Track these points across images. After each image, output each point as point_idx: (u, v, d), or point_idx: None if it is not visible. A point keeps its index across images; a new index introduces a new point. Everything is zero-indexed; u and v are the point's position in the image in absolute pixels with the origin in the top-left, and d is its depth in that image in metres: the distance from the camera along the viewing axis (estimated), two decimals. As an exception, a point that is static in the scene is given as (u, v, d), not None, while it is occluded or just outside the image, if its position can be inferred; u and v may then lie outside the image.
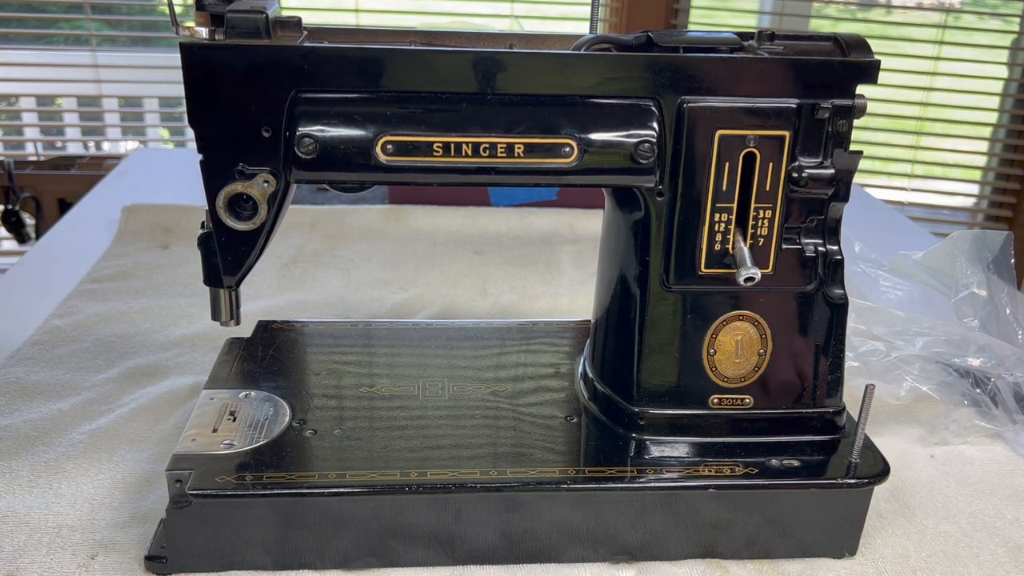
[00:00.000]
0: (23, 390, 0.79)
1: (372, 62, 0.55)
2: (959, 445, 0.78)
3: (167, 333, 0.92)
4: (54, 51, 2.41)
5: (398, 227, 1.23)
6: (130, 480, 0.68)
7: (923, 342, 0.87)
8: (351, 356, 0.75)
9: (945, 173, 2.46)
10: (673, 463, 0.62)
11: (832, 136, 0.58)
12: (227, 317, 0.63)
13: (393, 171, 0.56)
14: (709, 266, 0.61)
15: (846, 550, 0.63)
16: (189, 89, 0.55)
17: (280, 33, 0.57)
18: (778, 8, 2.34)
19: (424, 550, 0.60)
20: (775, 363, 0.63)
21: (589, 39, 0.61)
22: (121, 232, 1.17)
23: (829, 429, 0.65)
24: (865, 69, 0.58)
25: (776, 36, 0.60)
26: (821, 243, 0.61)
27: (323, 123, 0.55)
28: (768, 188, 0.59)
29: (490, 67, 0.56)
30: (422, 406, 0.67)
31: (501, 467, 0.60)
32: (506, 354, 0.76)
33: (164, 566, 0.59)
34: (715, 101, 0.57)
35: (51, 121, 2.59)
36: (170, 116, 2.61)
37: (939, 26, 2.33)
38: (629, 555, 0.62)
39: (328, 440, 0.62)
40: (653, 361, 0.63)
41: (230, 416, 0.64)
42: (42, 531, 0.62)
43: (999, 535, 0.67)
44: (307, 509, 0.58)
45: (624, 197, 0.63)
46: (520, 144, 0.56)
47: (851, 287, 0.91)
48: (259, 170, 0.56)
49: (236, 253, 0.59)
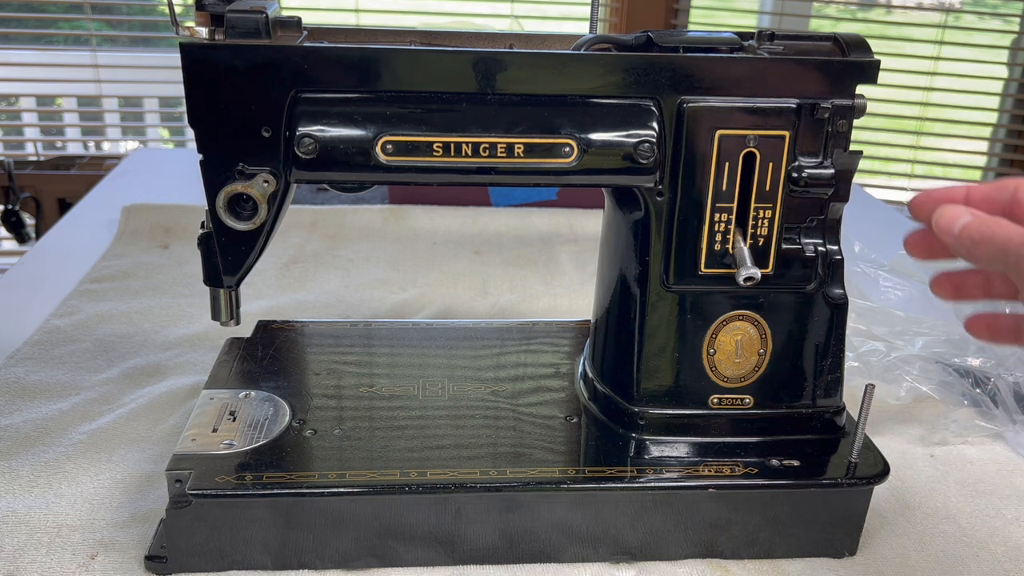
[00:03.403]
0: (23, 390, 0.79)
1: (372, 62, 0.55)
2: (959, 445, 0.78)
3: (167, 333, 0.92)
4: (54, 51, 2.41)
5: (398, 227, 1.23)
6: (130, 480, 0.68)
7: (923, 342, 0.87)
8: (351, 356, 0.75)
9: (945, 173, 2.46)
10: (673, 463, 0.62)
11: (832, 136, 0.58)
12: (227, 317, 0.63)
13: (393, 171, 0.56)
14: (709, 266, 0.61)
15: (846, 550, 0.63)
16: (189, 89, 0.55)
17: (280, 33, 0.57)
18: (778, 8, 2.34)
19: (424, 550, 0.60)
20: (775, 363, 0.63)
21: (589, 39, 0.61)
22: (121, 232, 1.17)
23: (829, 429, 0.65)
24: (865, 69, 0.58)
25: (776, 36, 0.60)
26: (821, 243, 0.61)
27: (323, 123, 0.55)
28: (768, 188, 0.59)
29: (490, 67, 0.56)
30: (422, 406, 0.67)
31: (501, 467, 0.60)
32: (506, 354, 0.76)
33: (164, 566, 0.59)
34: (715, 101, 0.57)
35: (51, 121, 2.59)
36: (170, 116, 2.61)
37: (939, 26, 2.33)
38: (629, 555, 0.62)
39: (328, 440, 0.62)
40: (653, 361, 0.63)
41: (230, 416, 0.64)
42: (42, 531, 0.62)
43: (999, 535, 0.67)
44: (307, 509, 0.58)
45: (624, 197, 0.63)
46: (520, 144, 0.56)
47: (851, 287, 0.91)
48: (259, 170, 0.56)
49: (236, 253, 0.59)
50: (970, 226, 0.52)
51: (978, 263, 0.52)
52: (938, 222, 0.54)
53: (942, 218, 0.54)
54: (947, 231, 0.54)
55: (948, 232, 0.54)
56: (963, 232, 0.52)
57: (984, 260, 0.51)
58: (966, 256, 0.53)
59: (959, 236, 0.53)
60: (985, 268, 0.55)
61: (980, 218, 0.53)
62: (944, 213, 0.55)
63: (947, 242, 0.54)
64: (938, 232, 0.55)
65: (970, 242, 0.51)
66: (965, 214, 0.53)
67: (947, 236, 0.54)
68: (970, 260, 0.53)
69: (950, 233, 0.53)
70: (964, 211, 0.53)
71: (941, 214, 0.55)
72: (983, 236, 0.51)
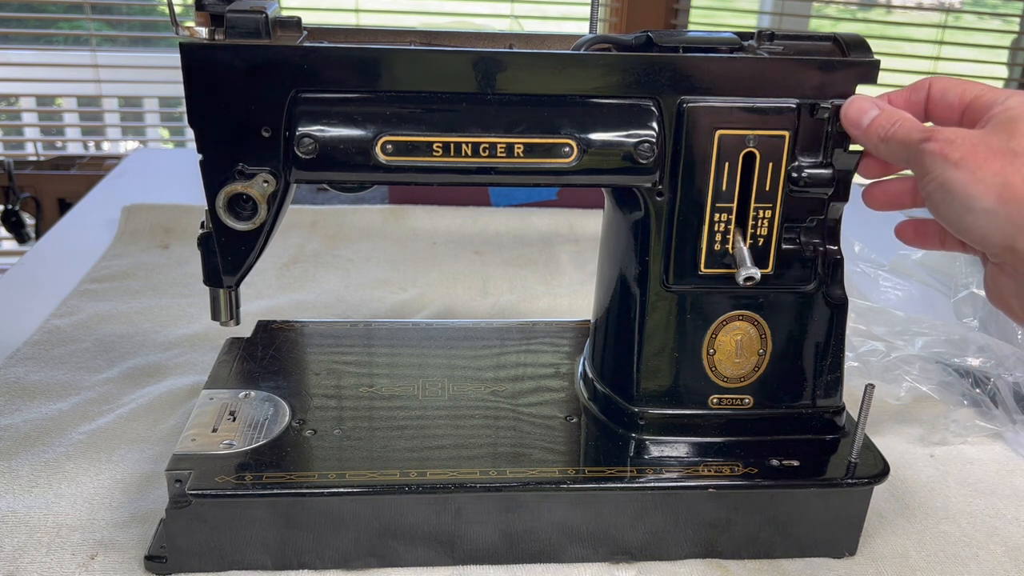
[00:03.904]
0: (23, 390, 0.79)
1: (372, 62, 0.55)
2: (959, 445, 0.78)
3: (167, 333, 0.92)
4: (54, 51, 2.41)
5: (398, 227, 1.23)
6: (130, 480, 0.68)
7: (923, 342, 0.87)
8: (351, 356, 0.75)
9: (945, 173, 2.46)
10: (673, 463, 0.62)
11: (832, 136, 0.58)
12: (227, 317, 0.63)
13: (393, 171, 0.56)
14: (709, 266, 0.61)
15: (846, 550, 0.63)
16: (189, 89, 0.55)
17: (280, 33, 0.57)
18: (778, 8, 2.33)
19: (424, 550, 0.60)
20: (775, 363, 0.63)
21: (589, 39, 0.61)
22: (121, 232, 1.17)
23: (829, 429, 0.65)
24: (865, 69, 0.58)
25: (776, 36, 0.59)
26: (821, 243, 0.61)
27: (323, 123, 0.55)
28: (768, 188, 0.59)
29: (490, 67, 0.56)
30: (422, 406, 0.67)
31: (501, 467, 0.60)
32: (506, 354, 0.76)
33: (164, 566, 0.59)
34: (715, 101, 0.57)
35: (51, 121, 2.59)
36: (170, 116, 2.61)
37: (939, 26, 2.33)
38: (629, 555, 0.62)
39: (328, 440, 0.62)
40: (653, 361, 0.63)
41: (230, 416, 0.64)
42: (42, 531, 0.62)
43: (999, 535, 0.67)
44: (307, 509, 0.58)
45: (624, 197, 0.63)
46: (520, 144, 0.56)
47: (851, 287, 0.92)
48: (259, 170, 0.56)
49: (236, 253, 0.59)
50: (877, 120, 0.53)
51: (885, 158, 0.54)
52: (846, 113, 0.55)
53: (851, 109, 0.55)
54: (855, 123, 0.55)
55: (856, 125, 0.55)
56: (871, 127, 0.53)
57: (889, 156, 0.52)
58: (873, 151, 0.54)
59: (867, 131, 0.54)
60: (891, 163, 0.56)
61: (887, 112, 0.53)
62: (852, 104, 0.55)
63: (855, 135, 0.55)
64: (846, 125, 0.56)
65: (877, 139, 0.53)
66: (872, 108, 0.54)
67: (855, 129, 0.55)
68: (878, 155, 0.54)
69: (858, 126, 0.54)
70: (871, 104, 0.54)
71: (849, 105, 0.55)
72: (888, 134, 0.52)
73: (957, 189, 0.48)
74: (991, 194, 0.47)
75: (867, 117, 0.54)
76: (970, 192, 0.47)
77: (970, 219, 0.48)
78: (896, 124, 0.52)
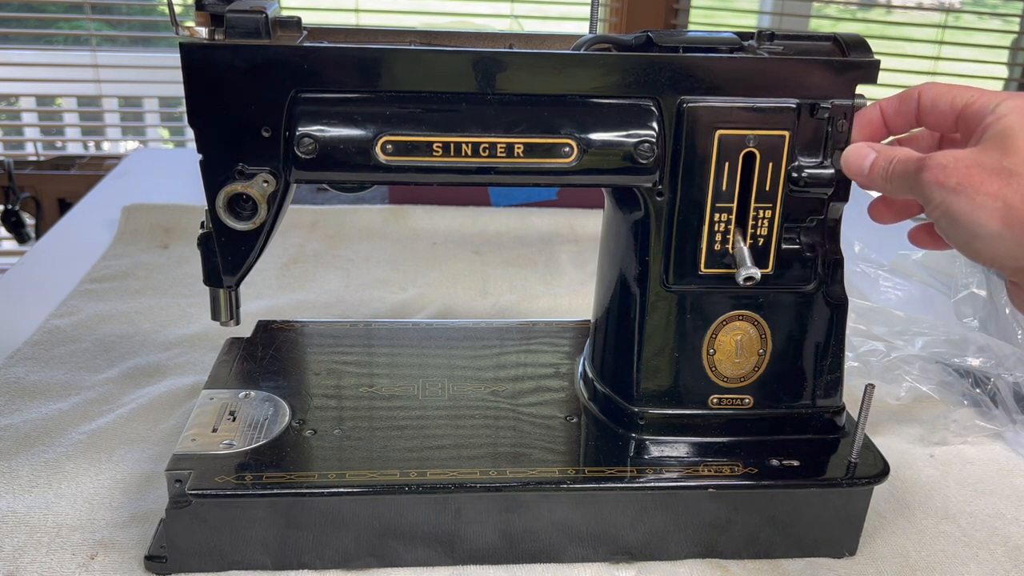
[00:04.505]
0: (23, 390, 0.79)
1: (372, 62, 0.55)
2: (959, 445, 0.78)
3: (167, 333, 0.92)
4: (54, 51, 2.41)
5: (398, 227, 1.23)
6: (130, 480, 0.68)
7: (923, 342, 0.87)
8: (351, 356, 0.75)
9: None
10: (673, 463, 0.62)
11: (832, 136, 0.58)
12: (227, 317, 0.63)
13: (393, 171, 0.56)
14: (709, 266, 0.61)
15: (846, 550, 0.63)
16: (189, 89, 0.55)
17: (280, 33, 0.57)
18: (778, 8, 2.33)
19: (424, 550, 0.60)
20: (775, 363, 0.63)
21: (589, 39, 0.61)
22: (121, 232, 1.17)
23: (829, 429, 0.65)
24: (865, 69, 0.58)
25: (776, 36, 0.59)
26: (821, 243, 0.61)
27: (323, 123, 0.55)
28: (768, 188, 0.59)
29: (490, 67, 0.56)
30: (422, 406, 0.67)
31: (501, 467, 0.60)
32: (506, 354, 0.76)
33: (164, 566, 0.59)
34: (715, 101, 0.57)
35: (51, 121, 2.59)
36: (170, 116, 2.61)
37: (939, 26, 2.33)
38: (629, 555, 0.62)
39: (328, 440, 0.62)
40: (653, 361, 0.63)
41: (230, 416, 0.64)
42: (42, 531, 0.62)
43: (999, 535, 0.67)
44: (307, 509, 0.58)
45: (624, 197, 0.63)
46: (520, 144, 0.56)
47: (851, 287, 0.92)
48: (259, 170, 0.56)
49: (236, 253, 0.59)
50: (876, 163, 0.53)
51: (894, 196, 0.55)
52: (847, 164, 0.57)
53: (850, 158, 0.56)
54: (858, 171, 0.56)
55: (859, 172, 0.56)
56: (872, 171, 0.54)
57: (897, 193, 0.53)
58: (882, 192, 0.55)
59: (870, 175, 0.54)
60: (901, 197, 0.57)
61: (883, 152, 0.54)
62: (851, 153, 0.56)
63: (861, 183, 0.56)
64: (850, 175, 0.56)
65: (881, 180, 0.53)
66: (870, 151, 0.55)
67: (859, 177, 0.56)
68: (889, 195, 0.55)
69: (861, 173, 0.55)
70: (868, 148, 0.55)
71: (848, 154, 0.56)
72: (889, 173, 0.52)
73: (960, 216, 0.48)
74: (995, 219, 0.47)
75: (867, 162, 0.54)
76: (973, 219, 0.47)
77: (978, 244, 0.48)
78: (894, 161, 0.52)
